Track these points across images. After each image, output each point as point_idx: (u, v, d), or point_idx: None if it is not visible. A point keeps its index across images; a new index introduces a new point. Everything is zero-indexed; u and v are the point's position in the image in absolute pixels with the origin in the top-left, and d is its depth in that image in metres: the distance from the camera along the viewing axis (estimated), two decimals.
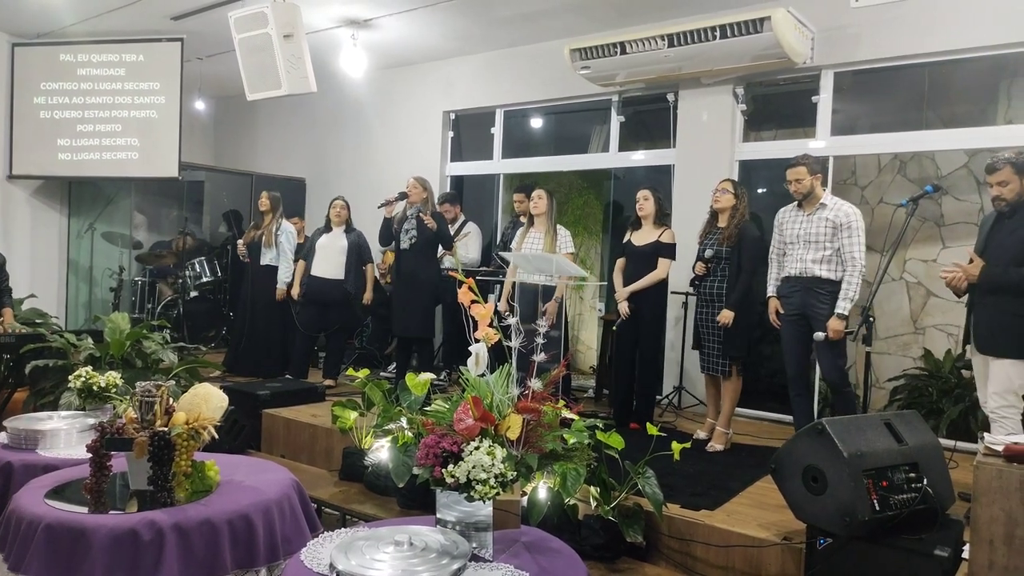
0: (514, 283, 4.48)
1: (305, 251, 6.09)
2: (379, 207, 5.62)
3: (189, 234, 7.87)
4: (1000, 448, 2.54)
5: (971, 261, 3.35)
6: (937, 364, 5.18)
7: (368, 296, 5.98)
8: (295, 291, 6.00)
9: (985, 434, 2.75)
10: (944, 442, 3.29)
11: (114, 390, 3.38)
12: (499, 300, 5.04)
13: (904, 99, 5.54)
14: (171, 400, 2.45)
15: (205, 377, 5.14)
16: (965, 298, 3.51)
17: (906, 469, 2.74)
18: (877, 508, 2.60)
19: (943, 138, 5.07)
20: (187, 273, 7.48)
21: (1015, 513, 2.43)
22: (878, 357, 5.73)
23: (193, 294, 7.48)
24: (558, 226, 5.01)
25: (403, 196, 5.55)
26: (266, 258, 6.10)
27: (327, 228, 5.98)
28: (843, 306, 3.89)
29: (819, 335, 3.87)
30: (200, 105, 8.34)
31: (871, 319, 3.66)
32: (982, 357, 3.46)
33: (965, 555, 2.59)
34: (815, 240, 4.02)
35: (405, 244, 5.46)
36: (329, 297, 5.83)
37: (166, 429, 2.31)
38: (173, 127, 7.18)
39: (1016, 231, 3.31)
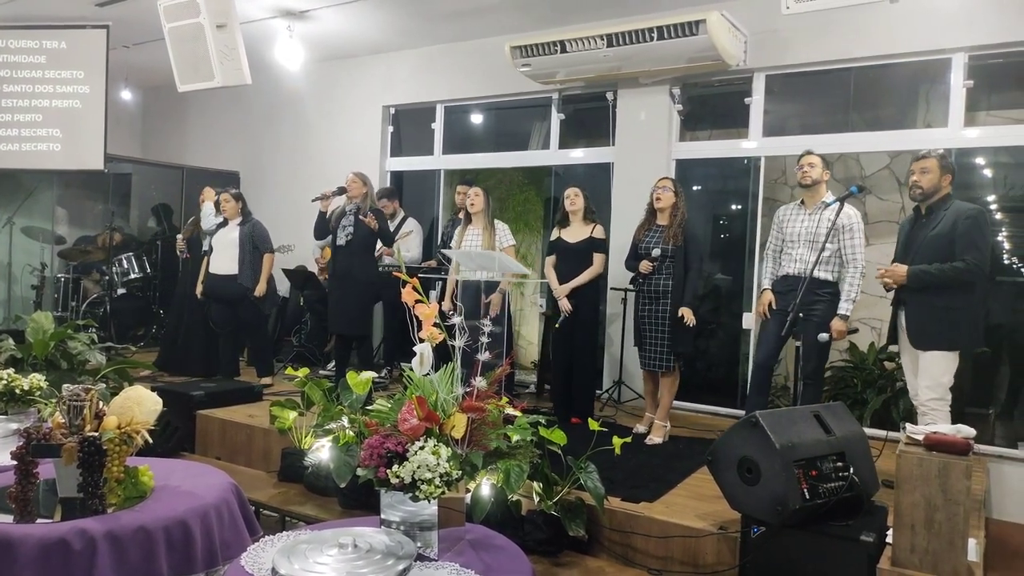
0: (457, 281, 4.46)
1: None
2: (313, 200, 5.50)
3: (116, 229, 7.57)
4: (921, 437, 2.68)
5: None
6: (861, 356, 5.40)
7: (261, 288, 5.56)
8: (198, 290, 5.80)
9: (907, 424, 2.89)
10: (868, 431, 3.46)
11: (38, 393, 3.23)
12: (442, 299, 5.03)
13: (831, 102, 5.75)
14: (101, 404, 2.37)
15: (135, 377, 4.97)
16: (891, 294, 3.73)
17: (834, 459, 2.85)
18: (807, 497, 2.71)
19: (867, 140, 5.30)
20: (114, 269, 7.19)
21: (934, 499, 2.57)
22: None
23: (121, 291, 7.20)
24: (495, 221, 5.06)
25: (341, 191, 5.42)
26: None
27: (224, 223, 5.78)
28: (846, 307, 3.91)
29: (823, 336, 3.78)
30: (127, 95, 8.04)
31: (800, 315, 3.80)
32: (911, 352, 3.65)
33: (889, 539, 2.72)
34: (816, 240, 3.98)
35: (341, 241, 5.34)
36: (225, 293, 5.60)
37: (96, 434, 2.23)
38: (98, 118, 6.89)
39: (934, 230, 3.54)
